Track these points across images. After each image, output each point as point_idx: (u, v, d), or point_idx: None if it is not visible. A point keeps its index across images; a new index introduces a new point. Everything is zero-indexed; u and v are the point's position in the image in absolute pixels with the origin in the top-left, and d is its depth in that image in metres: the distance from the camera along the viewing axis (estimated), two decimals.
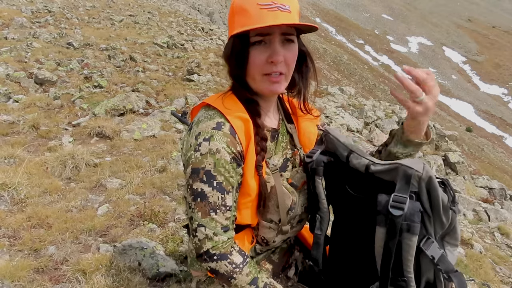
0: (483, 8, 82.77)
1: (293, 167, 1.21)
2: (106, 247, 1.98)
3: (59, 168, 2.96)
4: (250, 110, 1.06)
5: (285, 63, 1.01)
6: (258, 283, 1.05)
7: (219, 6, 30.16)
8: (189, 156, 1.00)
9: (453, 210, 0.93)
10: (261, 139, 1.06)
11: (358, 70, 41.11)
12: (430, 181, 0.91)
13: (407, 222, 0.89)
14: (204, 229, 1.00)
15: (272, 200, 1.08)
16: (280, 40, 0.99)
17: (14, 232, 2.07)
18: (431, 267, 0.96)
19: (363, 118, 8.63)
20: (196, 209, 1.00)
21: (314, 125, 1.26)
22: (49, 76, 5.49)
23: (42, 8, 10.71)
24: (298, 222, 1.19)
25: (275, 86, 1.03)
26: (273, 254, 1.29)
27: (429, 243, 0.93)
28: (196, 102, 5.47)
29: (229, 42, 1.03)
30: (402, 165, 0.93)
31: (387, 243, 0.92)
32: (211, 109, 1.05)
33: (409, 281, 0.94)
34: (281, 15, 0.95)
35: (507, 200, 6.61)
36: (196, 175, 0.99)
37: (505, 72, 57.33)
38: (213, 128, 0.99)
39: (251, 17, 0.95)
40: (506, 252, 3.67)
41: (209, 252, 1.01)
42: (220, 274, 1.02)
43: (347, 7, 69.97)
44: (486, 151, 26.26)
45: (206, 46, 10.89)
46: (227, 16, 1.09)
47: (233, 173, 1.00)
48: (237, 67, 1.03)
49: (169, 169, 3.10)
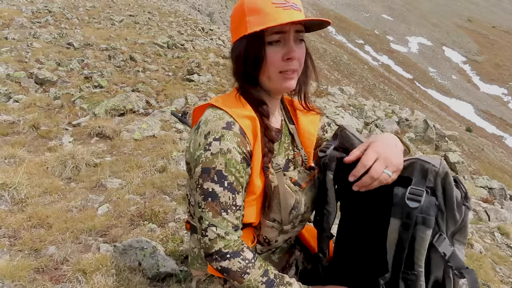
0: (483, 8, 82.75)
1: (294, 167, 1.22)
2: (106, 247, 1.98)
3: (59, 168, 2.96)
4: (259, 111, 1.07)
5: (298, 61, 1.04)
6: (269, 275, 1.07)
7: (219, 6, 30.14)
8: (198, 155, 1.00)
9: (466, 206, 0.94)
10: (268, 141, 1.07)
11: (358, 70, 41.08)
12: (446, 177, 0.92)
13: (423, 215, 0.90)
14: (215, 228, 1.00)
15: (275, 199, 1.09)
16: (294, 38, 1.01)
17: (14, 232, 2.07)
18: (441, 264, 0.97)
19: (363, 118, 8.62)
20: (207, 209, 1.00)
21: (314, 126, 1.26)
22: (49, 76, 5.49)
23: (42, 8, 10.70)
24: (300, 221, 1.19)
25: (290, 82, 1.05)
26: (273, 254, 1.29)
27: (441, 239, 0.95)
28: (196, 102, 5.47)
29: (241, 42, 1.02)
30: (420, 159, 0.94)
31: (401, 235, 0.93)
32: (218, 109, 1.05)
33: (419, 275, 0.95)
34: (295, 13, 0.98)
35: (507, 200, 6.60)
36: (207, 174, 0.99)
37: (505, 72, 57.29)
38: (223, 127, 0.99)
39: (268, 16, 0.96)
40: (506, 252, 3.67)
41: (221, 251, 1.01)
42: (233, 271, 1.02)
43: (347, 7, 69.95)
44: (486, 151, 26.24)
45: (206, 46, 10.89)
46: (230, 18, 1.08)
47: (243, 173, 1.01)
48: (251, 66, 1.03)
49: (169, 169, 3.10)
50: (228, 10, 29.11)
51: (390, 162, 0.95)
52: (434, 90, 50.32)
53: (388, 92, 36.89)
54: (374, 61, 53.26)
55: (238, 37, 1.03)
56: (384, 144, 0.99)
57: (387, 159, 0.95)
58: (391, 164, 0.95)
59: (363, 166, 0.96)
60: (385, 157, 0.95)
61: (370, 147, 0.99)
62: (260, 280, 1.04)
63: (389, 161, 0.95)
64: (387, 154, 0.96)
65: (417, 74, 53.45)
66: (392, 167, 0.96)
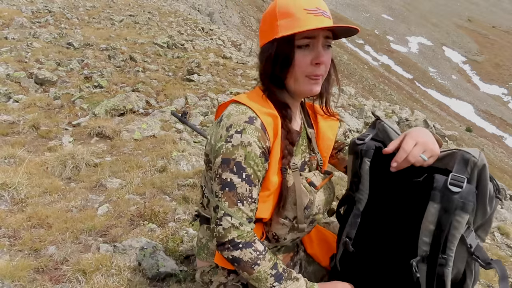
0: (483, 8, 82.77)
1: (309, 170, 1.25)
2: (106, 247, 1.98)
3: (59, 168, 2.96)
4: (283, 113, 1.11)
5: (325, 66, 1.08)
6: (278, 268, 1.09)
7: (219, 6, 30.14)
8: (219, 146, 1.04)
9: (498, 198, 0.98)
10: (289, 143, 1.11)
11: (358, 70, 41.09)
12: (483, 169, 0.96)
13: (463, 200, 0.93)
14: (230, 218, 1.03)
15: (290, 197, 1.12)
16: (322, 43, 1.05)
17: (14, 232, 2.07)
18: (465, 257, 1.00)
19: (363, 118, 8.62)
20: (224, 198, 1.03)
21: (333, 131, 1.31)
22: (49, 76, 5.48)
23: (42, 8, 10.70)
24: (311, 222, 1.21)
25: (316, 86, 1.09)
26: (278, 252, 1.31)
27: (469, 231, 0.98)
28: (196, 102, 5.47)
29: (271, 45, 1.07)
30: (461, 150, 0.99)
31: (441, 218, 0.96)
32: (242, 105, 1.08)
33: (448, 259, 0.97)
34: (325, 20, 1.02)
35: (507, 200, 6.60)
36: (226, 165, 1.02)
37: (505, 72, 57.33)
38: (245, 121, 1.02)
39: (300, 21, 1.00)
40: (506, 252, 3.67)
41: (234, 240, 1.03)
42: (244, 262, 1.04)
43: (347, 7, 69.95)
44: (486, 151, 26.26)
45: (206, 46, 10.89)
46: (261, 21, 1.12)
47: (261, 167, 1.04)
48: (280, 68, 1.07)
49: (169, 169, 3.10)
50: (228, 10, 29.08)
51: (427, 147, 1.01)
52: (434, 90, 50.35)
53: (388, 92, 36.92)
54: (374, 61, 53.29)
55: (268, 40, 1.08)
56: (421, 132, 1.04)
57: (425, 144, 1.01)
58: (428, 149, 1.01)
59: (404, 152, 1.00)
60: (423, 142, 1.01)
61: (407, 135, 1.04)
62: (269, 272, 1.06)
63: (427, 146, 1.01)
64: (424, 140, 1.01)
65: (417, 74, 53.49)
66: (429, 152, 1.01)
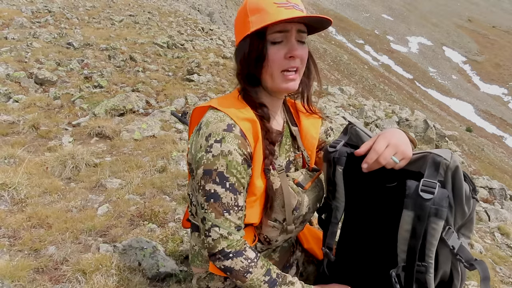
0: (483, 8, 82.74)
1: (296, 169, 1.23)
2: (106, 247, 1.98)
3: (59, 168, 2.96)
4: (259, 113, 1.08)
5: (300, 60, 1.05)
6: (271, 274, 1.08)
7: (219, 6, 30.12)
8: (199, 157, 1.02)
9: (475, 199, 0.97)
10: (269, 143, 1.09)
11: (358, 70, 41.08)
12: (456, 171, 0.95)
13: (436, 207, 0.91)
14: (218, 229, 1.02)
15: (278, 200, 1.10)
16: (296, 38, 1.03)
17: (14, 232, 2.07)
18: (449, 258, 0.99)
19: (363, 118, 8.62)
20: (210, 210, 1.02)
21: (315, 129, 1.28)
22: (49, 76, 5.48)
23: (42, 8, 10.69)
24: (301, 222, 1.20)
25: (292, 83, 1.06)
26: (274, 252, 1.30)
27: (449, 233, 0.96)
28: (196, 102, 5.46)
29: (244, 43, 1.04)
30: (431, 153, 0.97)
31: (415, 226, 0.95)
32: (219, 111, 1.06)
33: (428, 267, 0.97)
34: (296, 12, 1.00)
35: (507, 200, 6.60)
36: (209, 176, 1.00)
37: (505, 72, 57.30)
38: (223, 130, 1.00)
39: (270, 15, 0.98)
40: (506, 252, 3.67)
41: (224, 251, 1.03)
42: (236, 270, 1.04)
43: (347, 7, 69.94)
44: (486, 151, 26.26)
45: (206, 46, 10.88)
46: (234, 22, 1.10)
47: (244, 174, 1.02)
48: (254, 65, 1.05)
49: (169, 169, 3.10)
50: (228, 10, 29.08)
51: (399, 149, 0.99)
52: (434, 90, 50.32)
53: (388, 92, 36.91)
54: (374, 61, 53.27)
55: (241, 38, 1.05)
56: (394, 133, 1.03)
57: (397, 146, 0.99)
58: (400, 151, 0.99)
59: (375, 153, 0.99)
60: (395, 144, 0.99)
61: (380, 136, 1.02)
62: (262, 279, 1.05)
63: (398, 148, 0.99)
64: (396, 141, 1.00)
65: (417, 74, 53.46)
66: (400, 154, 0.99)
